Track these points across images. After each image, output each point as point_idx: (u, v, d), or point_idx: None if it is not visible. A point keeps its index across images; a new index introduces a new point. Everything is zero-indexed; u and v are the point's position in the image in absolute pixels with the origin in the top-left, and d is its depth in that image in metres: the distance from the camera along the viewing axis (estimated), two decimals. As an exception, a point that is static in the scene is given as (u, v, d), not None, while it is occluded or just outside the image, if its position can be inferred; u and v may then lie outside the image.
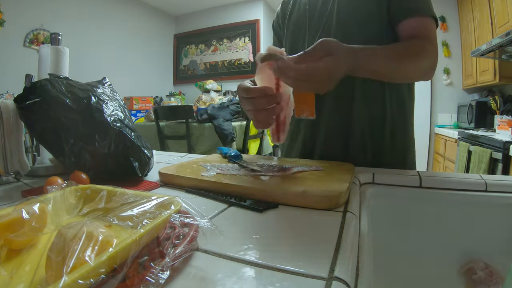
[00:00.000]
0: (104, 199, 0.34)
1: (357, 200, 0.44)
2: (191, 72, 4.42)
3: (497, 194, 0.51)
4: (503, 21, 2.12)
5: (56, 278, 0.17)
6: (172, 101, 3.51)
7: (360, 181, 0.55)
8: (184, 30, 4.43)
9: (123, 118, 0.55)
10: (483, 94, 2.84)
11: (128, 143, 0.52)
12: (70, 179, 0.40)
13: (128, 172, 0.52)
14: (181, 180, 0.50)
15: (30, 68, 0.81)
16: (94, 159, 0.51)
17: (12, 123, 0.55)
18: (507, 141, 1.66)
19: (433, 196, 0.53)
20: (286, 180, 0.46)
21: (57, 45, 0.65)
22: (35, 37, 2.71)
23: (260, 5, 3.87)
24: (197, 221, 0.28)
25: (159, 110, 2.29)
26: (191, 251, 0.27)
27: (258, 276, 0.23)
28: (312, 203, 0.39)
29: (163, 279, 0.21)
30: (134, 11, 3.78)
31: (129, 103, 3.17)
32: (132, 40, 3.77)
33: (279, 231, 0.32)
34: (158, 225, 0.25)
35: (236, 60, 4.02)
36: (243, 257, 0.27)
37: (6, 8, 2.44)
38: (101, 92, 0.57)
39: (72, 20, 3.01)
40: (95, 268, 0.18)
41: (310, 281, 0.23)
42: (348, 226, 0.33)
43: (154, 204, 0.29)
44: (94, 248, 0.20)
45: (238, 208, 0.40)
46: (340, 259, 0.26)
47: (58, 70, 0.64)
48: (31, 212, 0.26)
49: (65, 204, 0.33)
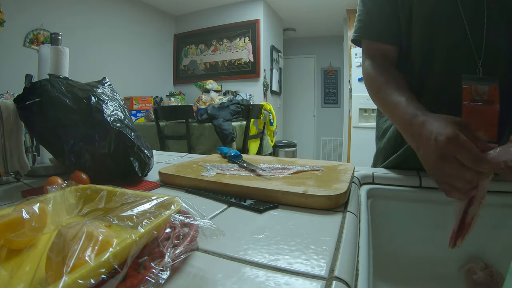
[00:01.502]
0: (104, 199, 0.34)
1: (357, 200, 0.44)
2: (191, 72, 4.42)
3: (497, 194, 0.51)
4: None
5: (56, 278, 0.17)
6: (172, 101, 3.51)
7: (360, 181, 0.55)
8: (184, 30, 4.43)
9: (123, 118, 0.55)
10: (483, 94, 2.83)
11: (128, 143, 0.52)
12: (70, 179, 0.40)
13: (128, 172, 0.52)
14: (181, 180, 0.50)
15: (30, 68, 0.82)
16: (94, 159, 0.51)
17: (12, 123, 0.55)
18: (507, 141, 1.65)
19: (433, 196, 0.53)
20: (286, 180, 0.46)
21: (57, 45, 0.65)
22: (35, 37, 2.71)
23: (260, 5, 3.86)
24: (197, 221, 0.28)
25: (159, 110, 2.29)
26: (191, 251, 0.27)
27: (258, 276, 0.23)
28: (312, 203, 0.39)
29: (163, 279, 0.21)
30: (134, 11, 3.78)
31: (129, 103, 3.17)
32: (132, 40, 3.77)
33: (279, 231, 0.32)
34: (158, 225, 0.25)
35: (236, 60, 4.02)
36: (243, 257, 0.27)
37: (6, 8, 2.43)
38: (101, 92, 0.57)
39: (72, 20, 3.01)
40: (95, 268, 0.18)
41: (310, 281, 0.23)
42: (348, 226, 0.33)
43: (154, 204, 0.29)
44: (94, 248, 0.20)
45: (238, 208, 0.40)
46: (340, 259, 0.26)
47: (58, 70, 0.64)
48: (31, 212, 0.26)
49: (65, 204, 0.33)
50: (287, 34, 5.01)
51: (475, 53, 0.54)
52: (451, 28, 0.55)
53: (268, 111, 2.78)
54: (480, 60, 0.54)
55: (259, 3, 3.87)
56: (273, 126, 2.91)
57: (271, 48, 4.16)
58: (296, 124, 5.18)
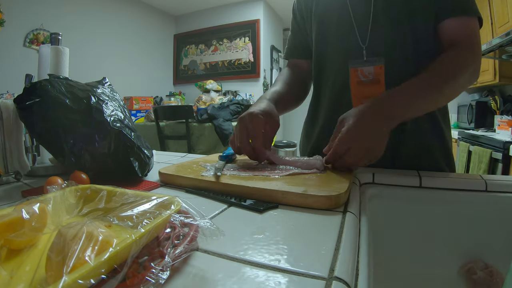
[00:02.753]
0: (104, 199, 0.34)
1: (357, 200, 0.44)
2: (191, 72, 4.42)
3: (497, 194, 0.51)
4: (503, 21, 2.12)
5: (56, 278, 0.17)
6: (172, 101, 3.51)
7: (360, 181, 0.55)
8: (184, 30, 4.43)
9: (123, 118, 0.55)
10: (483, 94, 2.84)
11: (128, 143, 0.52)
12: (70, 179, 0.40)
13: (128, 172, 0.52)
14: (181, 180, 0.50)
15: (30, 68, 0.82)
16: (94, 159, 0.51)
17: (12, 123, 0.55)
18: (507, 141, 1.66)
19: (433, 196, 0.53)
20: (286, 180, 0.46)
21: (57, 45, 0.65)
22: (35, 37, 2.71)
23: (260, 5, 3.87)
24: (197, 221, 0.28)
25: (159, 110, 2.29)
26: (191, 251, 0.27)
27: (258, 276, 0.23)
28: (312, 203, 0.39)
29: (163, 279, 0.21)
30: (134, 11, 3.78)
31: (129, 103, 3.17)
32: (132, 40, 3.77)
33: (279, 231, 0.32)
34: (158, 225, 0.25)
35: (236, 60, 4.02)
36: (243, 257, 0.27)
37: (6, 8, 2.44)
38: (101, 92, 0.57)
39: (72, 20, 3.01)
40: (95, 268, 0.18)
41: (310, 281, 0.23)
42: (348, 226, 0.33)
43: (154, 204, 0.29)
44: (94, 248, 0.20)
45: (238, 208, 0.40)
46: (340, 259, 0.26)
47: (58, 70, 0.64)
48: (31, 212, 0.26)
49: (65, 204, 0.33)
50: (287, 34, 5.00)
51: (360, 40, 0.65)
52: (339, 22, 0.68)
53: (268, 111, 2.78)
54: (364, 45, 0.65)
55: (259, 3, 3.87)
56: (273, 126, 2.90)
57: (271, 48, 4.16)
58: (296, 124, 5.17)
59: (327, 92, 0.73)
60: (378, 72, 0.64)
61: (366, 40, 0.65)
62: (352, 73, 0.66)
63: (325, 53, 0.72)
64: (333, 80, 0.71)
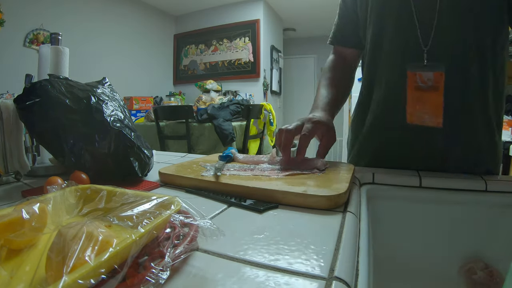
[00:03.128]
0: (104, 199, 0.34)
1: (357, 200, 0.44)
2: (191, 72, 4.42)
3: (497, 194, 0.51)
4: (503, 21, 2.11)
5: (56, 278, 0.17)
6: (172, 101, 3.51)
7: (360, 181, 0.55)
8: (184, 30, 4.43)
9: (123, 118, 0.55)
10: (483, 94, 2.83)
11: (128, 143, 0.52)
12: (70, 179, 0.40)
13: (128, 172, 0.52)
14: (181, 180, 0.50)
15: (30, 68, 0.82)
16: (94, 159, 0.51)
17: (12, 123, 0.55)
18: (507, 141, 1.66)
19: (433, 196, 0.53)
20: (286, 180, 0.46)
21: (57, 45, 0.65)
22: (35, 37, 2.71)
23: (260, 5, 3.86)
24: (197, 221, 0.28)
25: (159, 110, 2.29)
26: (191, 251, 0.27)
27: (258, 276, 0.23)
28: (312, 203, 0.39)
29: (163, 279, 0.21)
30: (134, 11, 3.78)
31: (129, 103, 3.17)
32: (132, 40, 3.77)
33: (279, 231, 0.32)
34: (158, 225, 0.25)
35: (236, 60, 4.02)
36: (243, 257, 0.27)
37: (6, 8, 2.44)
38: (101, 92, 0.57)
39: (72, 20, 3.01)
40: (95, 268, 0.18)
41: (310, 281, 0.23)
42: (348, 226, 0.33)
43: (154, 204, 0.29)
44: (94, 248, 0.20)
45: (238, 208, 0.40)
46: (340, 259, 0.26)
47: (58, 70, 0.64)
48: (31, 212, 0.26)
49: (65, 204, 0.33)
50: (287, 34, 5.01)
51: (422, 42, 0.59)
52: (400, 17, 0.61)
53: (268, 111, 2.79)
54: (426, 48, 0.59)
55: (259, 3, 3.87)
56: (273, 126, 2.91)
57: (271, 48, 4.16)
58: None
59: (379, 91, 0.68)
60: (438, 79, 0.58)
61: (428, 42, 0.59)
62: (410, 77, 0.61)
63: (380, 48, 0.66)
64: (386, 80, 0.66)
